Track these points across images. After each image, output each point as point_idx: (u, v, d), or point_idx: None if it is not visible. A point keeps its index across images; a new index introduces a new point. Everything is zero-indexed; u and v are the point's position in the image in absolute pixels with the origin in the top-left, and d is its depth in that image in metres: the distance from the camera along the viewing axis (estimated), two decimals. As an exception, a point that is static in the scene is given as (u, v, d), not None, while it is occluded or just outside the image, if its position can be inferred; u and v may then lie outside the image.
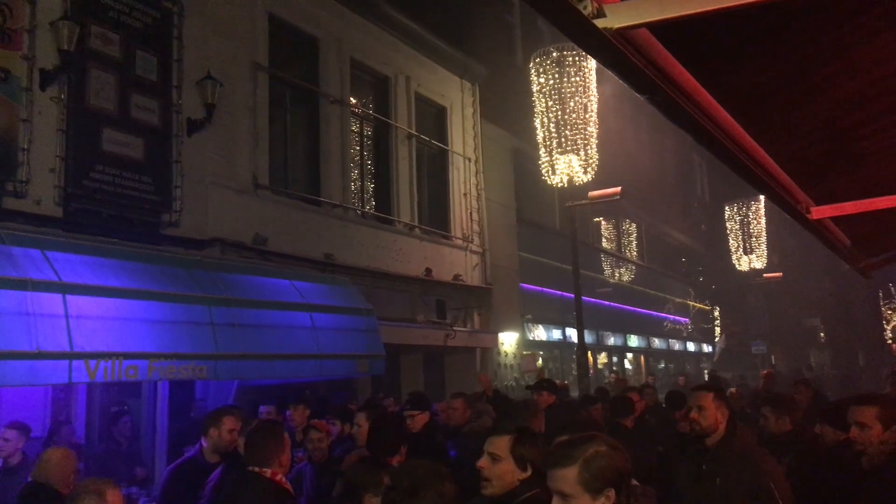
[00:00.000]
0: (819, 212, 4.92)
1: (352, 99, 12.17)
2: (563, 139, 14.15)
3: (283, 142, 10.94)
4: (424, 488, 2.59)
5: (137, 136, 8.32)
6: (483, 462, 3.03)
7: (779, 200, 4.59)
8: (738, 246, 27.78)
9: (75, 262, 6.13)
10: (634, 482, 2.74)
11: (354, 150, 12.32)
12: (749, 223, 27.54)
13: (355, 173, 12.27)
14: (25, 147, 7.27)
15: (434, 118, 14.43)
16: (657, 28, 2.32)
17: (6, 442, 5.42)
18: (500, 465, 2.97)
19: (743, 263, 27.84)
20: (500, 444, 3.00)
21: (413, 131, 13.33)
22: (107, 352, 5.69)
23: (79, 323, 5.61)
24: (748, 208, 27.56)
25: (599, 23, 2.14)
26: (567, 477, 2.17)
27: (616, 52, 2.27)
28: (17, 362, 5.17)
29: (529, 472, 2.91)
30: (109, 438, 7.43)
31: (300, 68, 11.36)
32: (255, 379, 8.16)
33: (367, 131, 12.80)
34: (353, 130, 12.28)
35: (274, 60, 10.57)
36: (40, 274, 5.68)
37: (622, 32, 2.22)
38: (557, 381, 13.81)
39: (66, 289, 5.71)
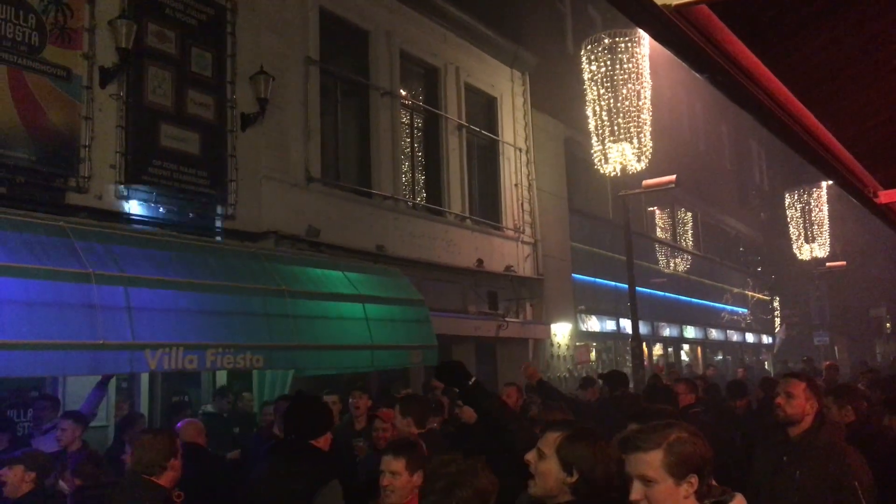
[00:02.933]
0: (887, 196, 4.72)
1: (402, 91, 12.19)
2: (615, 127, 13.89)
3: (335, 135, 11.02)
4: (459, 486, 2.55)
5: (194, 131, 8.49)
6: (530, 456, 2.77)
7: (845, 184, 4.42)
8: (799, 234, 26.93)
9: (135, 255, 6.29)
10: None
11: (405, 141, 12.34)
12: (810, 210, 26.66)
13: (406, 165, 12.29)
14: (87, 144, 7.49)
15: (484, 108, 14.36)
16: (717, 4, 2.23)
17: (63, 432, 5.60)
18: (543, 463, 2.68)
19: (804, 252, 27.00)
20: (549, 441, 2.71)
21: (463, 122, 13.28)
22: (167, 342, 5.82)
23: (140, 314, 5.75)
24: (809, 195, 26.68)
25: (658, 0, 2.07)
26: (651, 461, 2.15)
27: (675, 30, 2.19)
28: (82, 353, 5.33)
29: (575, 478, 2.59)
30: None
31: (351, 61, 11.42)
32: (309, 369, 8.25)
33: (418, 123, 12.81)
34: (403, 122, 12.30)
35: (325, 54, 10.65)
36: (103, 267, 5.83)
37: (681, 9, 2.14)
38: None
39: (127, 281, 5.86)
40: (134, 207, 7.81)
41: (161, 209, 8.05)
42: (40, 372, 5.37)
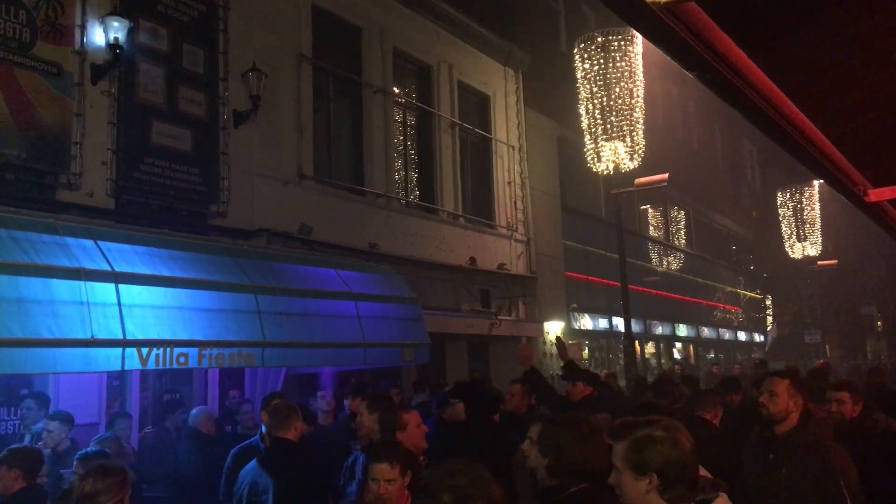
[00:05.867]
0: (877, 194, 4.74)
1: (395, 88, 12.17)
2: (608, 126, 13.94)
3: (328, 132, 11.00)
4: (472, 499, 2.26)
5: (185, 128, 8.46)
6: (525, 445, 3.22)
7: (834, 182, 4.44)
8: (791, 233, 27.06)
9: (127, 252, 6.26)
10: (705, 473, 2.68)
11: (398, 139, 12.33)
12: (802, 209, 26.78)
13: (399, 163, 12.28)
14: (78, 141, 7.45)
15: (477, 106, 14.36)
16: (707, 1, 2.23)
17: (49, 433, 5.60)
18: (531, 449, 3.10)
19: (796, 251, 27.12)
20: (534, 430, 3.14)
21: (456, 120, 13.28)
22: (158, 339, 5.81)
23: (131, 311, 5.73)
24: (801, 194, 26.79)
25: (646, -3, 2.07)
26: (618, 451, 2.30)
27: (664, 28, 2.20)
28: (73, 350, 5.32)
29: (547, 461, 2.91)
30: (163, 430, 7.54)
31: (343, 58, 11.40)
32: (301, 367, 8.24)
33: (411, 120, 12.80)
34: (396, 120, 12.29)
35: (318, 51, 10.62)
36: (94, 264, 5.81)
37: (670, 7, 2.14)
38: (605, 371, 13.75)
39: (118, 278, 5.83)
40: (125, 205, 7.78)
41: (153, 206, 8.02)
42: (31, 370, 5.34)
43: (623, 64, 13.95)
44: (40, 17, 7.26)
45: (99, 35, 7.67)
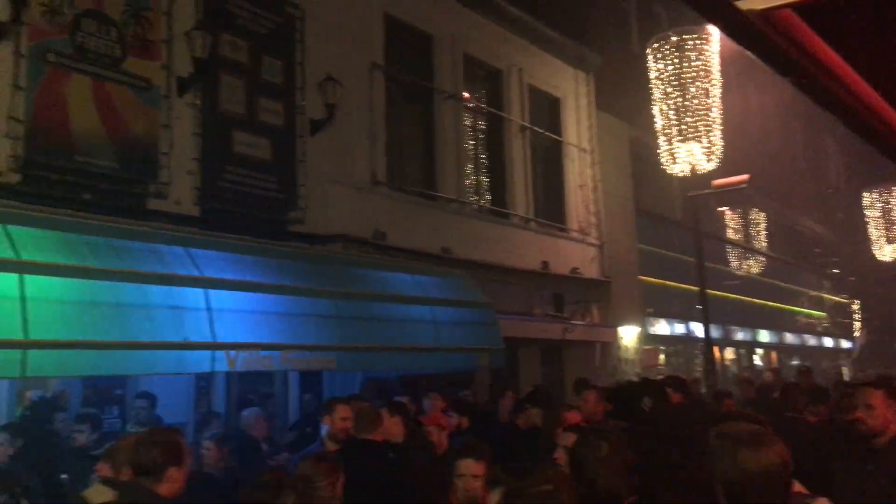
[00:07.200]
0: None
1: (465, 94, 12.23)
2: (683, 126, 13.65)
3: (400, 138, 11.14)
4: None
5: (265, 137, 8.70)
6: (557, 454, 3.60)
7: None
8: (880, 234, 25.84)
9: (213, 258, 6.50)
10: (802, 489, 2.60)
11: (468, 144, 12.38)
12: (891, 209, 25.55)
13: (470, 168, 12.33)
14: (166, 151, 7.76)
15: (547, 109, 14.28)
16: (802, 7, 2.18)
17: (141, 409, 5.95)
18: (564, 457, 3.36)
19: (885, 253, 25.89)
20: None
21: (526, 124, 13.25)
22: (245, 342, 6.02)
23: (220, 315, 5.95)
24: (890, 194, 25.56)
25: (741, 5, 2.05)
26: None
27: (759, 35, 2.17)
28: (168, 352, 5.58)
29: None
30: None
31: (415, 66, 11.52)
32: (378, 370, 8.37)
33: (481, 125, 12.83)
34: (466, 125, 12.34)
35: (390, 59, 10.78)
36: (185, 270, 6.06)
37: (765, 14, 2.11)
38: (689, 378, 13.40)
39: (207, 283, 6.07)
40: (209, 212, 8.06)
41: (235, 213, 8.28)
42: (131, 371, 5.63)
43: (699, 63, 13.65)
44: (130, 33, 7.57)
45: (184, 49, 7.97)
